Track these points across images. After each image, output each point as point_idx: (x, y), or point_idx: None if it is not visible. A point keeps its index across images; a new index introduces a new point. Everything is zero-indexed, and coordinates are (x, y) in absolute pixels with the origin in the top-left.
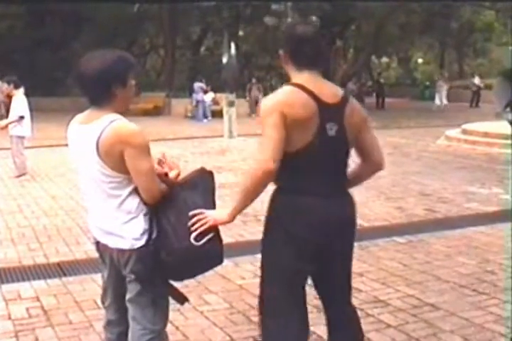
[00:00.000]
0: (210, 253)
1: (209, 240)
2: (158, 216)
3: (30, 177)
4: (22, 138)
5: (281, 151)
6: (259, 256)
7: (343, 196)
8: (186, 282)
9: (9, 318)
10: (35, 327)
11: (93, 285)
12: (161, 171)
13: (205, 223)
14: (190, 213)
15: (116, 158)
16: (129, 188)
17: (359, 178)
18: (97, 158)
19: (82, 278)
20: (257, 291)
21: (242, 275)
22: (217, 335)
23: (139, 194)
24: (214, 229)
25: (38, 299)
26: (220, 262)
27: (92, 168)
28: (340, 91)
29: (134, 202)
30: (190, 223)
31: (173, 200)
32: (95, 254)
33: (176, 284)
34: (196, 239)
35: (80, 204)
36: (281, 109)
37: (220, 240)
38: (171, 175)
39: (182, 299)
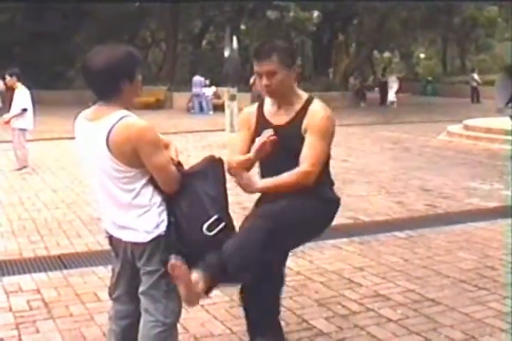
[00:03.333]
0: (223, 242)
1: (221, 230)
2: (171, 206)
3: (32, 170)
4: (24, 130)
5: None
6: None
7: None
8: None
9: (10, 310)
10: (36, 320)
11: (94, 277)
12: (173, 161)
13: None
14: None
15: (128, 154)
16: (143, 181)
17: None
18: (109, 155)
19: (83, 271)
20: None
21: None
22: (217, 328)
23: (152, 185)
24: (226, 218)
25: (38, 291)
26: None
27: (105, 164)
28: None
29: (147, 194)
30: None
31: (184, 191)
32: (96, 247)
33: None
34: (209, 229)
35: (81, 197)
36: None
37: (233, 229)
38: (172, 153)
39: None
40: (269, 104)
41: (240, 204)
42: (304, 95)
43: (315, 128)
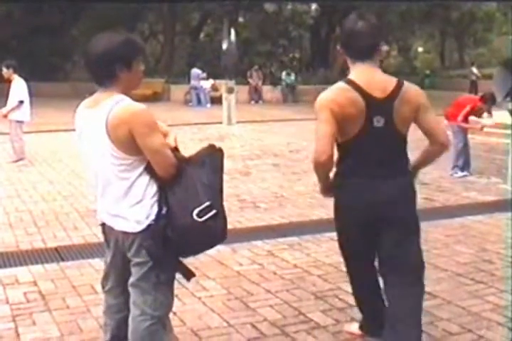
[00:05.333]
0: (212, 230)
1: (211, 217)
2: (166, 192)
3: (29, 162)
4: (21, 122)
5: (332, 143)
6: (256, 242)
7: (392, 177)
8: None
9: (7, 303)
10: (32, 312)
11: (90, 270)
12: (170, 146)
13: None
14: None
15: (124, 138)
16: (139, 170)
17: (428, 158)
18: (108, 141)
19: (80, 263)
20: (253, 278)
21: (240, 261)
22: (214, 321)
23: (148, 175)
24: (218, 206)
25: (35, 284)
26: (222, 240)
27: (103, 151)
28: (392, 83)
29: (142, 184)
30: None
31: (180, 177)
32: (93, 239)
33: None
34: (199, 215)
35: (78, 189)
36: (331, 107)
37: (224, 218)
38: (170, 141)
39: (189, 274)
40: None
41: (238, 196)
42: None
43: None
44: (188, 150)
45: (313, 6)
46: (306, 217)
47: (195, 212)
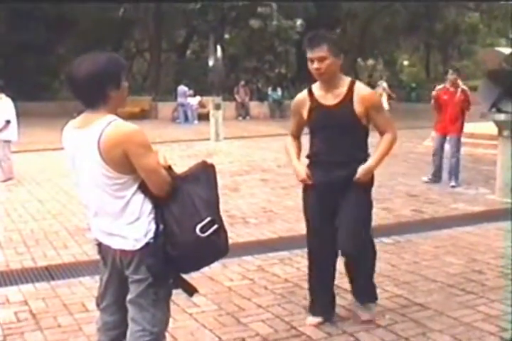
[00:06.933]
0: (217, 244)
1: (214, 231)
2: (162, 210)
3: (17, 182)
4: (8, 142)
5: None
6: (246, 257)
7: None
8: None
9: None
10: (23, 331)
11: (81, 288)
12: (163, 164)
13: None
14: None
15: (119, 158)
16: (133, 188)
17: None
18: (100, 161)
19: (70, 282)
20: (244, 293)
21: (230, 277)
22: (206, 337)
23: (143, 192)
24: (219, 221)
25: (26, 303)
26: (225, 253)
27: (95, 171)
28: None
29: (138, 202)
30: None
31: (176, 194)
32: (83, 257)
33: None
34: (202, 230)
35: (68, 207)
36: None
37: (225, 231)
38: (160, 160)
39: (192, 290)
40: (317, 89)
41: (227, 212)
42: (347, 79)
43: (374, 106)
44: (177, 167)
45: (298, 21)
46: (296, 231)
47: (198, 227)
